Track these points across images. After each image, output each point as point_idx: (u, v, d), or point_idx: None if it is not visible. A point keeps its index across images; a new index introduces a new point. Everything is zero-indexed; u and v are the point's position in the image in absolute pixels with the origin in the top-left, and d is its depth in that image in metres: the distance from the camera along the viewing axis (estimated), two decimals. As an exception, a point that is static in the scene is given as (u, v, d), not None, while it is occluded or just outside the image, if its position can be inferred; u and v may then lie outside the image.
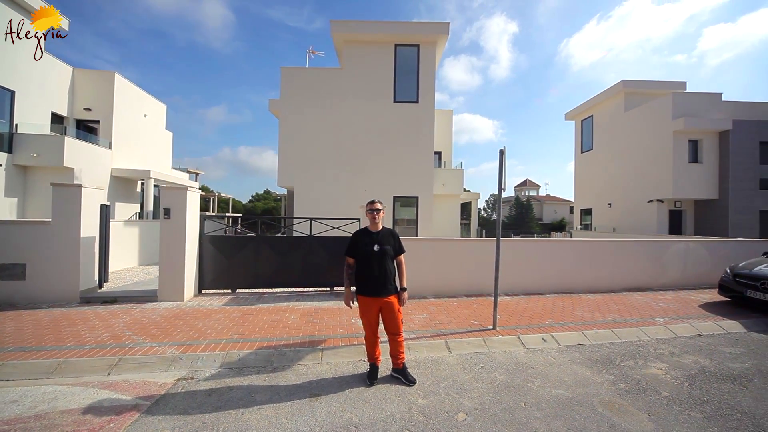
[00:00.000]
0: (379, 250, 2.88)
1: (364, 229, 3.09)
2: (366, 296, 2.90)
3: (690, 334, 4.42)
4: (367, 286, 2.90)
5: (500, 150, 4.30)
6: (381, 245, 2.90)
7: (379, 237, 2.95)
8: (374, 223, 3.01)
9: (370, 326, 2.93)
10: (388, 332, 2.95)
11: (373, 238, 2.94)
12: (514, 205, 42.68)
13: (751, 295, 5.26)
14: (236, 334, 3.81)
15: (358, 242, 3.01)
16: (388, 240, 2.96)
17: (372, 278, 2.87)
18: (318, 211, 10.58)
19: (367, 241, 2.95)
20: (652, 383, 3.04)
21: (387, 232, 3.02)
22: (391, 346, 2.95)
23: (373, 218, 3.00)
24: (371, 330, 2.94)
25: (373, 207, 3.01)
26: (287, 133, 11.22)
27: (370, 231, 3.02)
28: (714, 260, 7.29)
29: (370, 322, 2.92)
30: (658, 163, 13.61)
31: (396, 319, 2.89)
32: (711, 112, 13.15)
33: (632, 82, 15.50)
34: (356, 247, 3.00)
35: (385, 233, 3.00)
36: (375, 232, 2.99)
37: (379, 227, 3.02)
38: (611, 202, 16.35)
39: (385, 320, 2.92)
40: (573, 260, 6.55)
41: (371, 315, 2.90)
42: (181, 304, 4.94)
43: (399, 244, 3.02)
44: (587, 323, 4.55)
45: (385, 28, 10.99)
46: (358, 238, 3.03)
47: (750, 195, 12.46)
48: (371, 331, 2.94)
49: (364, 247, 2.94)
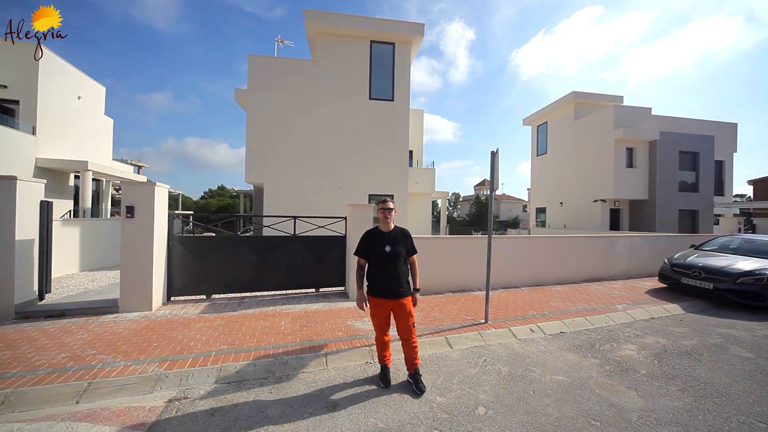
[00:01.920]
0: (391, 251, 2.81)
1: (375, 228, 3.00)
2: (377, 298, 2.84)
3: (645, 317, 5.05)
4: (379, 288, 2.83)
5: (492, 151, 4.49)
6: (393, 246, 2.83)
7: (391, 237, 2.88)
8: (386, 223, 2.93)
9: (381, 328, 2.88)
10: (401, 336, 2.85)
11: (385, 239, 2.87)
12: (474, 203, 45.05)
13: (685, 281, 6.18)
14: (226, 345, 3.48)
15: (369, 242, 2.92)
16: (400, 240, 2.89)
17: (384, 280, 2.80)
18: (291, 208, 10.11)
19: (379, 241, 2.87)
20: (629, 363, 3.42)
21: (399, 232, 2.95)
22: (405, 350, 2.87)
23: (385, 217, 2.92)
24: (381, 332, 2.88)
25: (386, 206, 2.92)
26: (256, 126, 10.51)
27: (381, 231, 2.94)
28: (651, 252, 8.44)
29: (380, 324, 2.87)
30: (601, 167, 15.34)
31: (408, 322, 2.81)
32: (643, 123, 15.15)
33: (581, 93, 17.23)
34: (367, 247, 2.91)
35: (397, 233, 2.93)
36: (387, 232, 2.91)
37: (390, 227, 2.94)
38: (562, 201, 18.06)
39: (398, 323, 2.86)
40: (543, 255, 7.10)
41: (382, 317, 2.85)
42: (149, 315, 4.38)
43: (411, 245, 2.96)
44: (564, 312, 4.96)
45: (361, 24, 10.80)
46: (369, 238, 2.94)
47: (671, 196, 14.65)
48: (381, 333, 2.89)
49: (375, 247, 2.86)
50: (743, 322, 4.88)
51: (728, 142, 16.99)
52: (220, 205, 43.88)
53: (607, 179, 15.00)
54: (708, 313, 5.38)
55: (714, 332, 4.43)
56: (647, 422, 2.41)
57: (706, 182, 15.19)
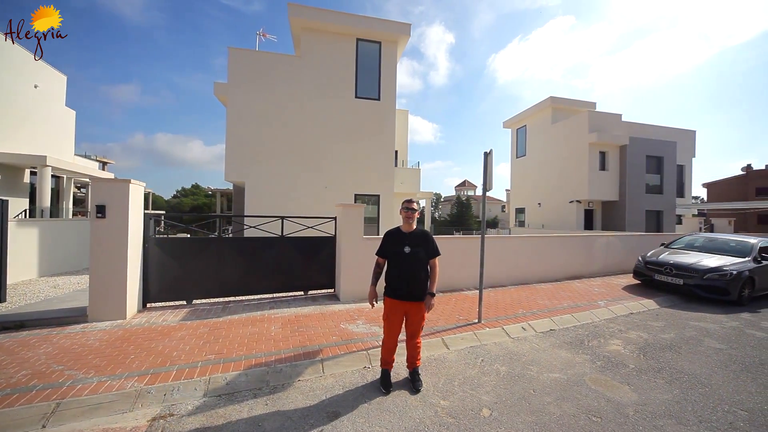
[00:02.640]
0: (410, 252, 2.77)
1: (397, 228, 2.96)
2: (394, 299, 2.79)
3: (625, 313, 5.30)
4: (396, 289, 2.79)
5: (485, 152, 4.52)
6: (413, 247, 2.79)
7: (411, 238, 2.84)
8: (408, 223, 2.89)
9: (391, 330, 2.81)
10: (408, 334, 2.87)
11: (406, 239, 2.83)
12: (455, 204, 45.91)
13: (658, 278, 6.56)
14: (213, 354, 3.26)
15: (389, 242, 2.89)
16: (421, 242, 2.84)
17: (402, 281, 2.76)
18: (274, 208, 9.78)
19: (399, 241, 2.83)
20: (618, 358, 3.55)
21: (420, 234, 2.90)
22: (409, 349, 2.90)
23: (408, 217, 2.87)
24: (392, 334, 2.82)
25: (409, 206, 2.87)
26: (237, 122, 10.07)
27: (402, 231, 2.90)
28: (625, 250, 8.91)
29: (392, 326, 2.81)
30: (577, 170, 16.08)
31: (419, 324, 2.83)
32: (614, 129, 16.04)
33: (558, 99, 17.98)
34: (387, 247, 2.88)
35: (418, 234, 2.88)
36: (408, 233, 2.87)
37: (412, 227, 2.90)
38: (540, 202, 18.76)
39: (409, 324, 2.85)
40: (528, 255, 7.29)
41: (396, 319, 2.80)
42: (123, 324, 4.02)
43: (433, 247, 2.88)
44: (552, 310, 5.10)
45: (347, 21, 10.63)
46: (390, 237, 2.91)
47: (639, 197, 15.62)
48: (392, 336, 2.82)
49: (395, 247, 2.82)
50: (712, 315, 5.23)
51: (688, 148, 18.35)
52: (195, 205, 41.93)
53: (581, 181, 15.74)
54: (680, 307, 5.73)
55: (688, 326, 4.71)
56: (643, 416, 2.49)
57: (669, 185, 16.32)
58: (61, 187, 13.52)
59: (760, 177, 28.72)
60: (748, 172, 30.13)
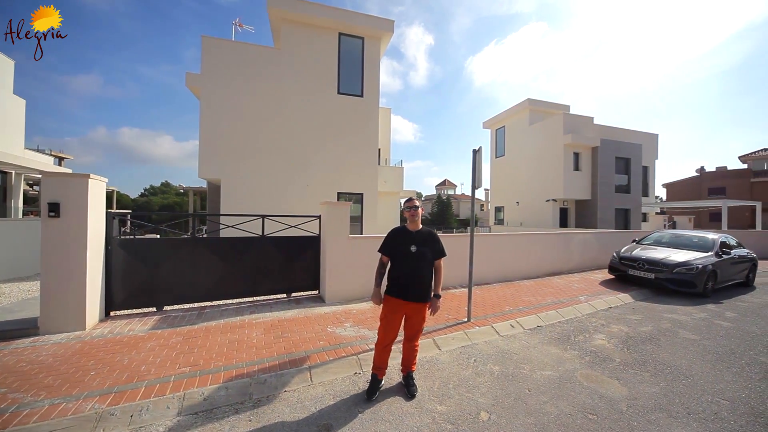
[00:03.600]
0: (416, 251, 2.64)
1: (403, 227, 2.82)
2: (395, 297, 2.65)
3: (604, 307, 5.48)
4: (398, 288, 2.65)
5: (474, 150, 4.48)
6: (419, 246, 2.66)
7: (418, 237, 2.71)
8: (413, 222, 2.77)
9: (388, 331, 2.66)
10: (406, 336, 2.76)
11: (412, 238, 2.70)
12: (436, 202, 46.49)
13: (632, 273, 6.88)
14: (188, 366, 2.96)
15: (395, 241, 2.75)
16: (428, 241, 2.72)
17: (406, 281, 2.63)
18: (252, 207, 9.35)
19: (405, 240, 2.70)
20: (604, 353, 3.62)
21: (427, 233, 2.78)
22: (407, 352, 2.78)
23: (412, 216, 2.75)
24: (388, 336, 2.67)
25: (412, 204, 2.76)
26: (212, 116, 9.50)
27: (408, 230, 2.77)
28: (599, 247, 9.31)
29: (390, 327, 2.66)
30: (552, 170, 16.71)
31: (419, 326, 2.71)
32: (586, 131, 16.81)
33: (535, 101, 18.59)
34: (392, 245, 2.74)
35: (424, 233, 2.76)
36: (414, 232, 2.75)
37: (418, 226, 2.78)
38: (519, 200, 19.34)
39: (409, 326, 2.72)
40: (511, 252, 7.41)
41: (395, 319, 2.66)
42: (82, 336, 3.60)
43: (439, 247, 2.76)
44: (537, 307, 5.17)
45: (330, 14, 10.33)
46: (395, 236, 2.77)
47: (610, 196, 16.49)
48: (388, 337, 2.67)
49: (400, 246, 2.69)
50: (682, 308, 5.53)
51: (651, 150, 19.60)
52: (165, 204, 39.66)
53: (557, 181, 16.37)
54: (652, 300, 6.02)
55: (662, 318, 4.93)
56: (636, 411, 2.51)
57: (636, 185, 17.35)
58: (9, 183, 12.19)
59: (711, 178, 31.37)
60: (701, 173, 32.81)
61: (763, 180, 27.89)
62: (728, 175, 30.38)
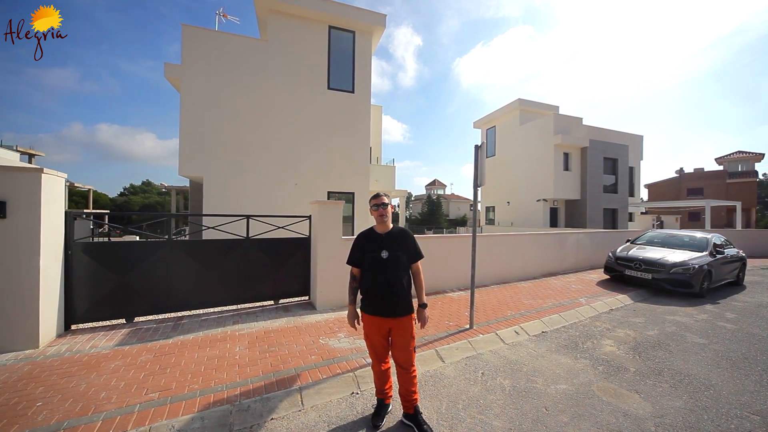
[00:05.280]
0: (389, 257, 2.25)
1: (370, 230, 2.41)
2: (372, 315, 2.27)
3: (606, 309, 5.33)
4: (373, 303, 2.27)
5: (476, 145, 4.22)
6: (391, 250, 2.27)
7: (388, 239, 2.31)
8: (382, 222, 2.35)
9: (377, 354, 2.31)
10: (396, 363, 2.29)
11: (381, 241, 2.30)
12: (426, 202, 46.48)
13: (628, 273, 6.79)
14: (157, 391, 2.55)
15: (362, 247, 2.33)
16: (400, 243, 2.32)
17: (379, 292, 2.24)
18: (237, 207, 8.83)
19: (374, 245, 2.29)
20: (616, 361, 3.40)
21: (399, 233, 2.38)
22: (401, 382, 2.29)
23: (380, 215, 2.33)
24: (378, 358, 2.32)
25: (379, 201, 2.33)
26: (192, 110, 8.92)
27: (377, 232, 2.36)
28: (593, 246, 9.27)
29: (376, 349, 2.30)
30: (543, 170, 16.78)
31: (408, 347, 2.25)
32: (576, 131, 16.97)
33: (525, 101, 18.65)
34: (360, 253, 2.33)
35: (396, 234, 2.36)
36: (383, 234, 2.34)
37: (388, 227, 2.37)
38: (509, 200, 19.38)
39: (395, 347, 2.28)
40: (508, 253, 7.22)
41: (377, 339, 2.28)
42: (34, 355, 3.11)
43: (414, 248, 2.38)
44: (539, 310, 4.95)
45: (318, 5, 9.90)
46: (363, 241, 2.36)
47: (598, 196, 16.70)
48: (378, 360, 2.32)
49: (369, 253, 2.28)
50: (681, 309, 5.44)
51: (637, 151, 20.02)
52: (146, 204, 38.07)
53: (547, 181, 16.44)
54: (651, 301, 5.93)
55: (666, 320, 4.80)
56: (666, 431, 2.28)
57: (623, 185, 17.64)
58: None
59: (690, 179, 32.54)
60: (680, 174, 33.99)
61: (738, 181, 29.13)
62: (705, 176, 31.57)
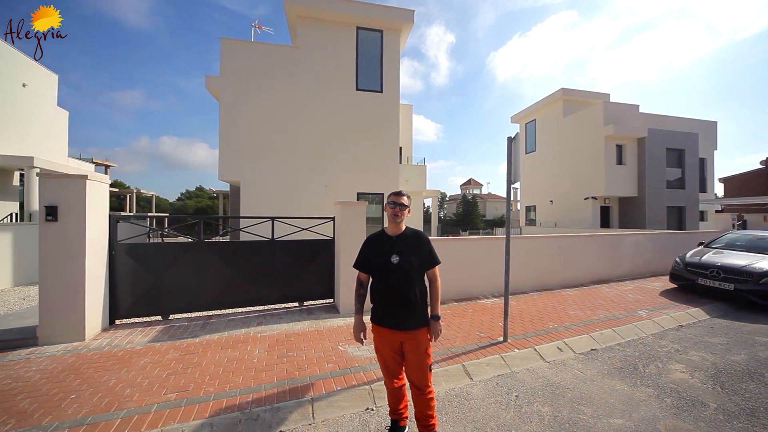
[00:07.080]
0: (400, 262, 2.01)
1: (380, 232, 2.18)
2: (382, 327, 2.05)
3: (673, 326, 4.51)
4: (383, 314, 2.04)
5: (509, 137, 3.79)
6: (403, 255, 2.02)
7: (400, 243, 2.07)
8: (395, 223, 2.10)
9: (388, 369, 2.08)
10: (410, 382, 2.05)
11: (393, 245, 2.06)
12: (461, 203, 44.95)
13: (702, 282, 5.74)
14: (175, 391, 2.57)
15: (371, 250, 2.12)
16: (413, 247, 2.07)
17: (390, 302, 2.01)
18: (271, 209, 9.14)
19: (384, 248, 2.07)
20: (690, 392, 2.79)
21: (411, 236, 2.12)
22: (416, 404, 2.04)
23: (395, 215, 2.08)
24: (390, 374, 2.08)
25: (398, 200, 2.08)
26: (230, 118, 9.44)
27: (388, 234, 2.13)
28: (654, 250, 8.08)
29: (387, 364, 2.07)
30: (591, 165, 15.19)
31: (423, 364, 2.01)
32: (631, 120, 15.13)
33: (569, 90, 17.09)
34: (369, 257, 2.11)
35: (408, 237, 2.11)
36: (395, 236, 2.10)
37: (401, 228, 2.12)
38: (552, 199, 17.88)
39: (408, 364, 2.04)
40: (549, 256, 6.52)
41: (388, 353, 2.04)
42: (79, 347, 3.37)
43: (430, 253, 2.12)
44: (587, 324, 4.34)
45: (346, 8, 9.95)
46: (371, 244, 2.14)
47: (660, 193, 14.68)
48: (390, 377, 2.09)
49: (379, 257, 2.06)
50: (778, 328, 4.42)
51: (710, 140, 17.34)
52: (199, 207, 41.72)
53: (597, 176, 14.85)
54: (733, 317, 4.93)
55: (755, 342, 3.92)
56: (767, 497, 1.74)
57: (691, 179, 15.34)
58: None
59: (782, 170, 27.38)
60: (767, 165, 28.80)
61: None
62: (803, 166, 26.34)
